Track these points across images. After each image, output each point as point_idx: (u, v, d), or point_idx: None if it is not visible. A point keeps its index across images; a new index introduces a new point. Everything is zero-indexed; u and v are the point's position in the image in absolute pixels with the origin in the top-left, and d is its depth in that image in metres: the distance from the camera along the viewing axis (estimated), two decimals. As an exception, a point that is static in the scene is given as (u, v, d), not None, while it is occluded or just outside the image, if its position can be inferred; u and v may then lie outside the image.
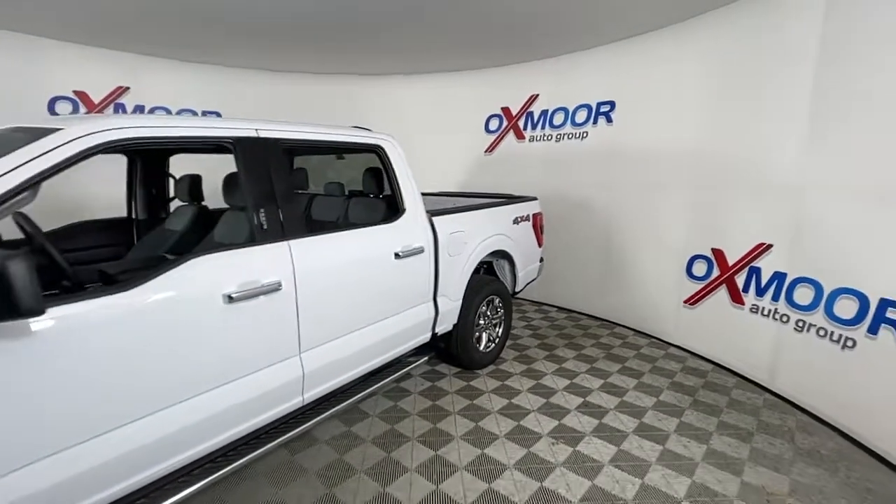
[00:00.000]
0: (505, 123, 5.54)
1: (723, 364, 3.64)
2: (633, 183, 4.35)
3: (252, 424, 1.92)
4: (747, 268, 3.39)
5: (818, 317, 2.88)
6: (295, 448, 2.51)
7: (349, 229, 2.41)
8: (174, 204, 3.18)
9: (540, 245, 4.09)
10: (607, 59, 4.53)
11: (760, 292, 3.29)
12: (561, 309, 5.15)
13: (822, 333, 2.85)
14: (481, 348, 3.52)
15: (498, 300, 3.59)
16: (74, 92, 4.49)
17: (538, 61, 5.12)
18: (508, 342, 4.01)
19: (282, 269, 1.93)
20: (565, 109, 4.96)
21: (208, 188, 3.05)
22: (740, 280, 3.44)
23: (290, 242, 2.00)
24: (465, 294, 3.18)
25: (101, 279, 2.01)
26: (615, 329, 4.51)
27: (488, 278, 3.59)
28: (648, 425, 2.80)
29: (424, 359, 3.04)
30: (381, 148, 2.70)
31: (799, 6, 3.00)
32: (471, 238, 3.16)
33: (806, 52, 2.94)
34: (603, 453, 2.52)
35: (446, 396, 3.12)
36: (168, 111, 5.03)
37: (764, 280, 3.26)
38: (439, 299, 2.95)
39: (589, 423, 2.81)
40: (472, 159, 5.85)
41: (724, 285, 3.57)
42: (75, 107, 4.49)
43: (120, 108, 4.76)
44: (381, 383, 2.67)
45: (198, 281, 1.66)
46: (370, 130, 2.78)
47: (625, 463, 2.43)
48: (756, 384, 3.33)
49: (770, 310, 3.21)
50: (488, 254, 3.40)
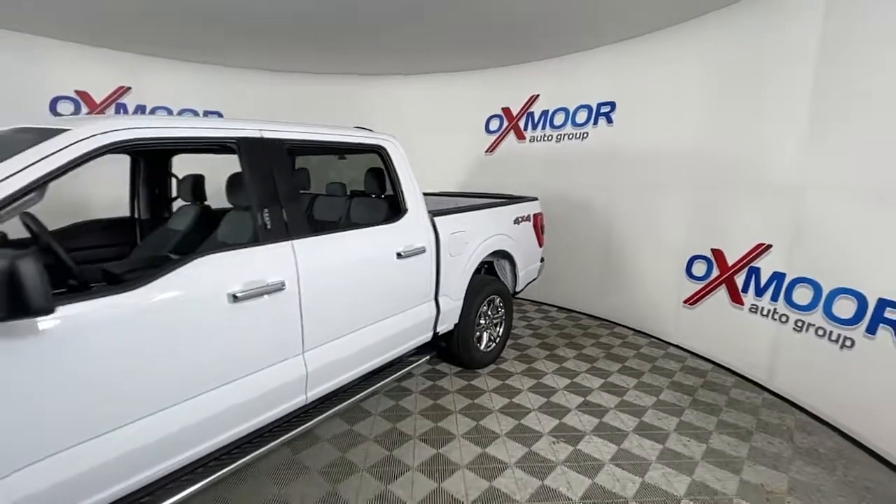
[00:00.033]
0: (505, 124, 5.55)
1: (722, 364, 3.66)
2: (634, 183, 4.37)
3: (256, 423, 1.93)
4: (747, 268, 3.40)
5: (817, 317, 2.89)
6: (297, 447, 2.53)
7: (351, 229, 2.42)
8: (176, 204, 3.20)
9: (540, 245, 4.10)
10: (608, 60, 4.54)
11: (760, 292, 3.31)
12: (561, 309, 5.16)
13: (821, 333, 2.87)
14: (482, 348, 3.53)
15: (499, 300, 3.60)
16: (76, 92, 4.50)
17: (539, 62, 5.13)
18: (509, 342, 4.02)
19: (285, 269, 1.95)
20: (566, 110, 4.97)
21: (210, 188, 3.07)
22: (740, 280, 3.46)
23: (294, 242, 2.01)
24: (467, 294, 3.20)
25: (106, 278, 2.02)
26: (615, 329, 4.53)
27: (489, 278, 3.60)
28: (648, 424, 2.82)
29: (426, 358, 3.05)
30: (384, 148, 2.72)
31: (799, 6, 3.01)
32: (472, 238, 3.18)
33: (806, 52, 2.95)
34: (603, 452, 2.53)
35: (447, 395, 3.14)
36: (169, 111, 5.04)
37: (763, 280, 3.28)
38: (441, 299, 2.96)
39: (589, 422, 2.83)
40: (473, 159, 5.86)
41: (724, 285, 3.58)
42: (77, 107, 4.49)
43: (121, 108, 4.77)
44: (383, 382, 2.68)
45: (203, 280, 1.68)
46: (372, 131, 2.80)
47: (625, 461, 2.45)
48: (755, 384, 3.35)
49: (769, 310, 3.22)
50: (489, 254, 3.42)
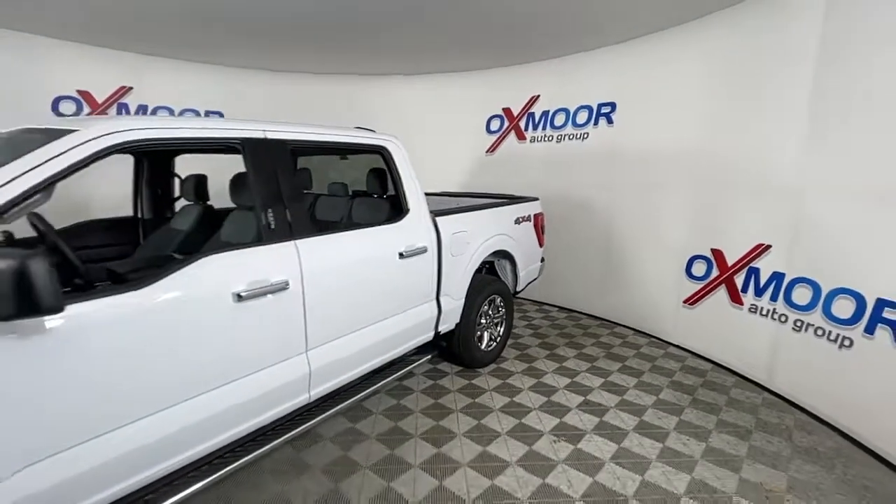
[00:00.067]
0: (506, 124, 5.56)
1: (722, 363, 3.68)
2: (634, 183, 4.39)
3: (259, 421, 1.95)
4: (746, 268, 3.42)
5: (816, 316, 2.91)
6: (299, 445, 2.54)
7: (354, 229, 2.44)
8: (179, 203, 3.22)
9: (541, 245, 4.12)
10: (609, 61, 4.56)
11: (759, 292, 3.32)
12: (561, 308, 5.18)
13: (820, 333, 2.88)
14: (483, 347, 3.55)
15: (499, 300, 3.62)
16: (78, 91, 4.51)
17: (539, 62, 5.15)
18: (510, 341, 4.04)
19: (289, 269, 1.96)
20: (566, 110, 4.99)
21: (212, 188, 3.08)
22: (739, 280, 3.47)
23: (298, 242, 2.03)
24: (468, 293, 3.21)
25: (111, 278, 2.03)
26: (615, 328, 4.54)
27: (490, 278, 3.62)
28: (648, 423, 2.83)
29: (427, 357, 3.06)
30: (386, 149, 2.73)
31: (800, 7, 3.02)
32: (473, 238, 3.19)
33: (806, 53, 2.97)
34: (604, 450, 2.55)
35: (448, 394, 3.15)
36: (171, 111, 5.05)
37: (763, 280, 3.29)
38: (442, 298, 2.98)
39: (590, 421, 2.85)
40: (474, 160, 5.88)
41: (724, 285, 3.60)
42: (79, 106, 4.51)
43: (123, 108, 4.78)
44: (385, 381, 2.69)
45: (208, 279, 1.69)
46: (374, 131, 2.81)
47: (625, 460, 2.47)
48: (755, 383, 3.37)
49: (769, 310, 3.24)
50: (490, 254, 3.43)
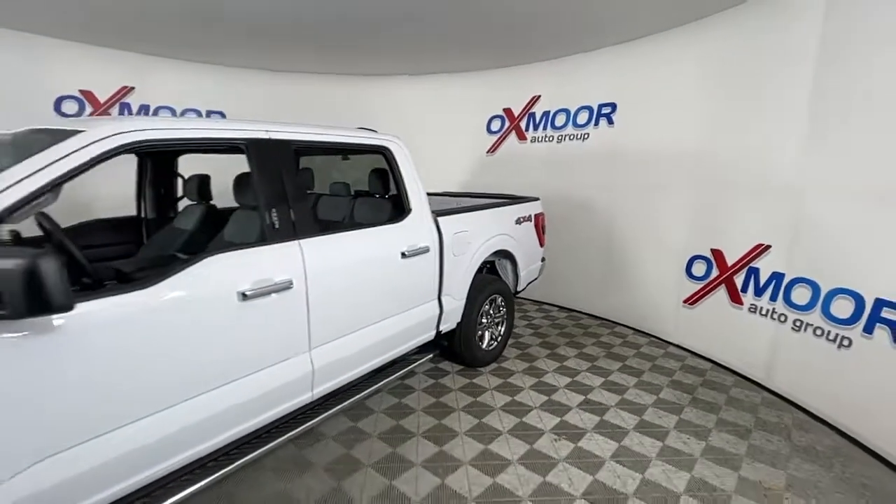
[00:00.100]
0: (507, 124, 5.58)
1: (721, 363, 3.70)
2: (634, 184, 4.40)
3: (263, 419, 1.96)
4: (746, 268, 3.44)
5: (815, 316, 2.93)
6: (302, 443, 2.56)
7: (356, 229, 2.45)
8: (182, 203, 3.23)
9: (542, 245, 4.13)
10: (609, 61, 4.57)
11: (759, 292, 3.34)
12: (562, 308, 5.20)
13: (819, 333, 2.90)
14: (484, 346, 3.56)
15: (500, 299, 3.64)
16: (80, 91, 4.52)
17: (540, 63, 5.16)
18: (510, 341, 4.06)
19: (293, 268, 1.98)
20: (567, 111, 5.01)
21: (214, 188, 3.10)
22: (739, 280, 3.49)
23: (301, 242, 2.05)
24: (469, 293, 3.23)
25: (118, 277, 2.05)
26: (615, 328, 4.56)
27: (491, 277, 3.64)
28: (649, 422, 2.85)
29: (428, 356, 3.08)
30: (388, 149, 2.75)
31: (800, 7, 3.03)
32: (475, 238, 3.21)
33: (806, 53, 2.98)
34: (604, 449, 2.57)
35: (450, 393, 3.17)
36: (172, 111, 5.07)
37: (762, 280, 3.31)
38: (444, 298, 3.00)
39: (590, 420, 2.86)
40: (474, 160, 5.89)
41: (723, 285, 3.62)
42: (81, 106, 4.52)
43: (125, 108, 4.79)
44: (387, 380, 2.71)
45: (214, 279, 1.71)
46: (376, 132, 2.83)
47: (626, 458, 2.49)
48: (754, 382, 3.39)
49: (768, 309, 3.26)
50: (491, 253, 3.45)
